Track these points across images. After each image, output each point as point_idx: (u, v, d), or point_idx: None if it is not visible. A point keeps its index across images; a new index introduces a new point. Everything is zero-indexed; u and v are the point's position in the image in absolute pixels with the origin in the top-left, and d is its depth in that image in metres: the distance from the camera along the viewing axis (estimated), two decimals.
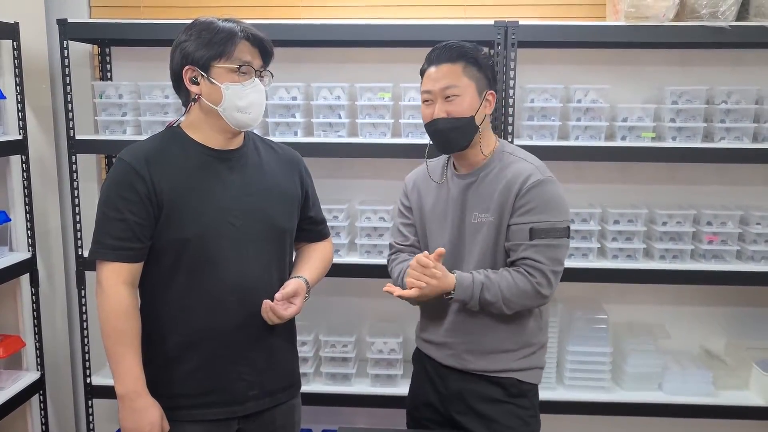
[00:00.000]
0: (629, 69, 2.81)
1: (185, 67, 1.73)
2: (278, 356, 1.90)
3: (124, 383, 1.71)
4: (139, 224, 1.70)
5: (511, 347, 1.95)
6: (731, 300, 2.92)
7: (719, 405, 2.64)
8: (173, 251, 1.74)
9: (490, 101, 1.94)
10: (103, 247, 1.71)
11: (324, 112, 2.67)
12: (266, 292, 1.81)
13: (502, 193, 1.89)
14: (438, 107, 1.89)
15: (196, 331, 1.77)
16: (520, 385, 1.96)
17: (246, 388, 1.83)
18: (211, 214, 1.75)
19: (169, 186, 1.72)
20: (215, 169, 1.78)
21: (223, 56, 1.72)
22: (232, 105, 1.74)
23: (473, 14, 2.83)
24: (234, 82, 1.73)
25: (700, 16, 2.45)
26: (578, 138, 2.60)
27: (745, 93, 2.59)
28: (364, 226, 2.68)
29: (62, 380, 3.10)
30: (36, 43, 2.84)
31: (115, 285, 1.70)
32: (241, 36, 1.73)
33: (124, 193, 1.70)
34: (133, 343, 1.71)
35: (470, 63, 1.89)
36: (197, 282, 1.75)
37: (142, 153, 1.74)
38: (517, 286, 1.84)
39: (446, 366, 2.01)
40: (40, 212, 2.87)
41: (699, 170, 2.83)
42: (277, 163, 1.91)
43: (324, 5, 2.88)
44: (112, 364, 1.72)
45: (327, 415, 2.96)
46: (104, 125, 2.75)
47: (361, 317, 2.98)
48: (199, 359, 1.78)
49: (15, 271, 2.69)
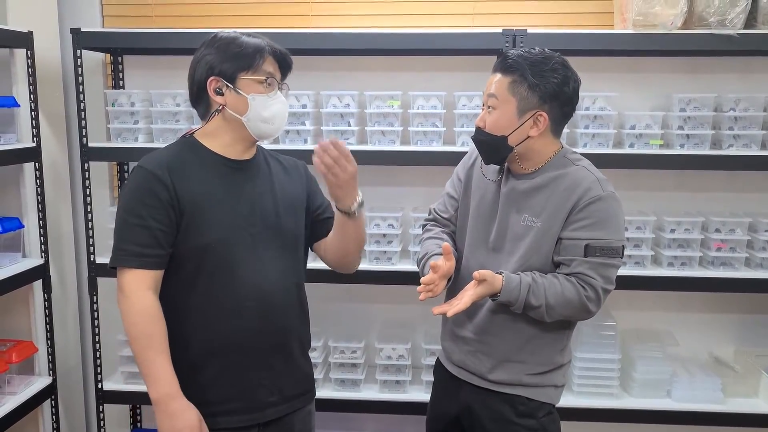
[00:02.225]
0: (637, 77, 2.82)
1: (210, 77, 1.76)
2: (295, 362, 1.91)
3: (157, 387, 1.69)
4: (162, 231, 1.71)
5: (525, 359, 1.92)
6: (740, 307, 2.92)
7: (728, 412, 2.64)
8: (193, 259, 1.76)
9: (540, 122, 1.82)
10: (126, 254, 1.71)
11: (333, 120, 2.69)
12: (284, 298, 1.85)
13: (559, 200, 1.83)
14: (482, 114, 1.89)
15: (217, 338, 1.78)
16: (529, 403, 1.92)
17: (266, 395, 1.84)
18: (230, 222, 1.77)
19: (189, 193, 1.74)
20: (231, 179, 1.81)
21: (250, 68, 1.76)
22: (257, 115, 1.77)
23: (481, 22, 2.85)
24: (260, 93, 1.77)
25: (708, 23, 2.46)
26: (586, 145, 2.61)
27: (753, 100, 2.59)
28: (374, 232, 2.70)
29: (74, 385, 3.12)
30: (49, 52, 2.88)
31: (139, 290, 1.70)
32: (268, 50, 1.78)
33: (147, 199, 1.71)
34: (162, 346, 1.71)
35: (522, 79, 1.80)
36: (217, 289, 1.77)
37: (163, 160, 1.76)
38: (564, 295, 1.79)
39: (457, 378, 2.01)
40: (53, 219, 2.90)
41: (707, 177, 2.84)
42: (283, 172, 1.94)
43: (333, 14, 2.90)
44: (144, 369, 1.70)
45: (336, 421, 2.97)
46: (116, 133, 2.78)
47: (370, 323, 2.99)
48: (221, 366, 1.79)
49: (28, 277, 2.72)
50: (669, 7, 2.43)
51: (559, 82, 1.82)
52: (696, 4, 2.46)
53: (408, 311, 2.99)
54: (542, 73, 1.81)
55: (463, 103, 2.63)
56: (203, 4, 2.94)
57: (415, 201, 2.87)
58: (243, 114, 1.77)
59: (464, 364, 1.99)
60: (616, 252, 1.81)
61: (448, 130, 2.67)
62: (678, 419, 2.66)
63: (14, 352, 2.67)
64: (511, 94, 1.81)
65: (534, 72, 1.80)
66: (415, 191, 2.91)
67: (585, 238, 1.79)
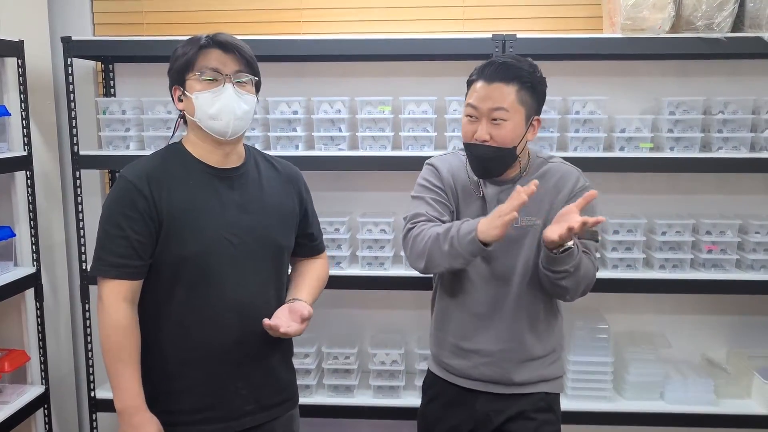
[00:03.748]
0: (627, 80, 2.83)
1: (173, 87, 1.79)
2: (275, 372, 1.90)
3: (122, 399, 1.72)
4: (140, 242, 1.71)
5: (539, 353, 1.95)
6: (732, 309, 2.93)
7: (721, 414, 2.65)
8: (172, 268, 1.75)
9: (534, 127, 1.90)
10: (104, 264, 1.72)
11: (325, 126, 2.70)
12: (264, 308, 1.82)
13: (551, 193, 1.90)
14: (482, 128, 1.83)
15: (195, 347, 1.77)
16: (547, 398, 1.96)
17: (242, 403, 1.83)
18: (210, 232, 1.76)
19: (169, 203, 1.73)
20: (215, 187, 1.79)
21: (190, 67, 1.74)
22: (204, 113, 1.74)
23: (471, 27, 2.87)
24: (203, 90, 1.73)
25: (695, 27, 2.48)
26: (577, 149, 2.63)
27: (741, 103, 2.61)
28: (366, 238, 2.70)
29: (66, 394, 3.11)
30: (40, 61, 2.88)
31: (116, 302, 1.71)
32: (205, 43, 1.73)
33: (126, 210, 1.71)
34: (132, 358, 1.72)
35: (525, 87, 1.82)
36: (196, 299, 1.76)
37: (143, 170, 1.76)
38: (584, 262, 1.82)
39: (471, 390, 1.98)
40: (45, 227, 2.90)
41: (697, 180, 2.85)
42: (276, 180, 1.91)
43: (324, 20, 2.91)
44: (112, 379, 1.72)
45: (329, 427, 2.96)
46: (108, 141, 2.78)
47: (363, 329, 2.99)
48: (198, 375, 1.78)
49: (20, 285, 2.71)
50: (657, 11, 2.45)
51: (545, 88, 1.89)
52: (684, 8, 2.48)
53: (401, 316, 2.99)
54: (540, 80, 1.86)
55: (454, 108, 2.64)
56: (194, 12, 2.95)
57: (407, 206, 2.87)
58: (194, 115, 1.76)
59: (483, 376, 1.96)
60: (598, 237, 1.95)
61: (439, 135, 2.67)
62: (671, 421, 2.66)
63: (6, 361, 2.66)
64: (520, 104, 1.83)
65: (534, 79, 1.84)
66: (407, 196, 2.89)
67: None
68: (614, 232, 2.65)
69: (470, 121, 1.87)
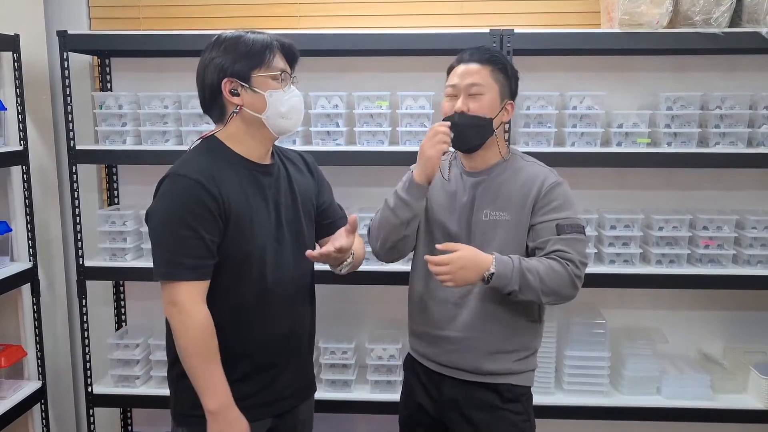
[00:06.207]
0: (624, 75, 2.83)
1: (224, 79, 1.74)
2: (306, 358, 1.99)
3: (217, 398, 1.71)
4: (213, 241, 1.71)
5: (508, 348, 1.98)
6: (728, 304, 2.94)
7: (717, 408, 2.66)
8: (233, 266, 1.76)
9: (509, 110, 1.99)
10: (181, 268, 1.68)
11: (322, 121, 2.69)
12: (302, 301, 1.92)
13: (521, 192, 1.95)
14: (460, 101, 1.93)
15: (248, 340, 1.81)
16: (514, 389, 1.99)
17: (283, 389, 1.89)
18: (264, 228, 1.79)
19: (232, 201, 1.73)
20: (259, 183, 1.81)
21: (263, 65, 1.75)
22: (275, 111, 1.77)
23: (469, 23, 2.86)
24: (275, 89, 1.77)
25: (693, 22, 2.48)
26: (574, 144, 2.63)
27: (739, 98, 2.61)
28: (363, 233, 2.68)
29: (64, 389, 3.11)
30: (36, 55, 2.87)
31: (196, 303, 1.69)
32: (276, 46, 1.79)
33: (196, 209, 1.68)
34: (218, 358, 1.72)
35: (498, 68, 1.94)
36: (253, 294, 1.79)
37: (203, 168, 1.73)
38: (555, 271, 1.84)
39: (439, 373, 2.03)
40: (41, 222, 2.89)
41: (694, 175, 2.86)
42: (297, 172, 1.95)
43: (321, 15, 2.91)
44: (202, 381, 1.71)
45: (327, 422, 2.96)
46: (104, 135, 2.77)
47: (360, 324, 3.00)
48: (249, 366, 1.82)
49: (16, 280, 2.71)
50: (655, 6, 2.45)
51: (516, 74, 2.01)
52: (681, 3, 2.48)
53: (398, 311, 2.97)
54: (511, 67, 2.00)
55: None
56: (190, 6, 2.94)
57: None
58: (261, 112, 1.77)
59: (449, 362, 2.01)
60: (581, 228, 1.94)
61: None
62: (668, 416, 2.67)
63: (3, 357, 2.66)
64: (494, 81, 1.94)
65: (506, 63, 1.98)
66: None
67: (554, 219, 1.91)
68: (611, 228, 2.66)
69: (449, 100, 1.97)
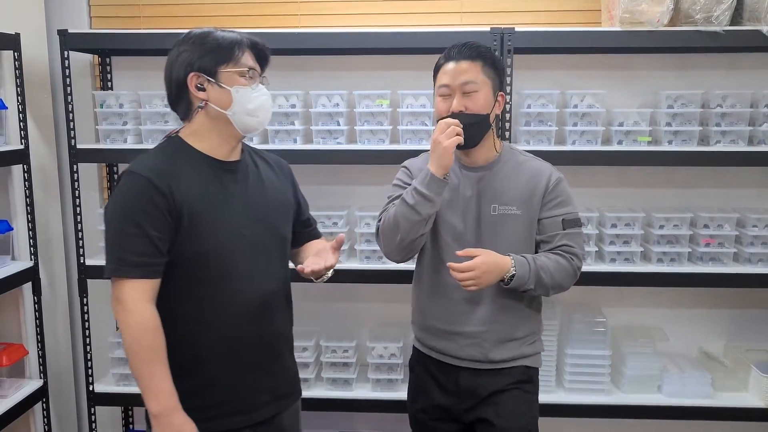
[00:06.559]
0: (625, 74, 2.83)
1: (190, 74, 1.73)
2: (285, 363, 1.92)
3: (159, 400, 1.67)
4: (161, 239, 1.67)
5: (519, 335, 2.04)
6: (729, 302, 2.94)
7: (718, 407, 2.65)
8: (191, 265, 1.72)
9: (500, 102, 2.02)
10: (126, 264, 1.66)
11: (323, 120, 2.69)
12: (277, 299, 1.86)
13: (527, 187, 2.00)
14: (456, 101, 1.94)
15: (215, 343, 1.76)
16: (528, 371, 2.07)
17: (260, 396, 1.83)
18: (226, 227, 1.75)
19: (186, 199, 1.69)
20: (223, 181, 1.78)
21: (230, 61, 1.74)
22: (242, 108, 1.75)
23: (470, 21, 2.86)
24: (242, 85, 1.75)
25: (694, 20, 2.48)
26: (575, 143, 2.63)
27: (739, 96, 2.61)
28: (364, 231, 2.70)
29: (65, 388, 3.11)
30: (37, 54, 2.87)
31: (141, 302, 1.66)
32: (246, 43, 1.77)
33: (145, 207, 1.66)
34: (163, 359, 1.68)
35: (488, 63, 1.97)
36: (215, 295, 1.74)
37: (155, 165, 1.71)
38: (562, 266, 1.96)
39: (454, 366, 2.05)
40: (42, 221, 2.89)
41: (695, 173, 2.86)
42: (271, 173, 1.92)
43: (322, 13, 2.90)
44: (144, 382, 1.67)
45: (328, 420, 2.97)
46: (105, 134, 2.77)
47: (361, 322, 2.99)
48: (217, 370, 1.77)
49: (17, 279, 2.72)
50: (655, 4, 2.44)
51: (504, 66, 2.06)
52: (682, 2, 2.48)
53: (399, 310, 2.97)
54: (498, 59, 2.04)
55: None
56: (191, 5, 2.94)
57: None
58: (227, 108, 1.74)
59: (466, 355, 2.04)
60: (581, 222, 2.05)
61: None
62: (668, 414, 2.67)
63: (4, 356, 2.67)
64: (486, 77, 1.96)
65: (493, 57, 2.01)
66: None
67: (560, 214, 2.00)
68: (612, 226, 2.66)
69: (444, 100, 1.98)
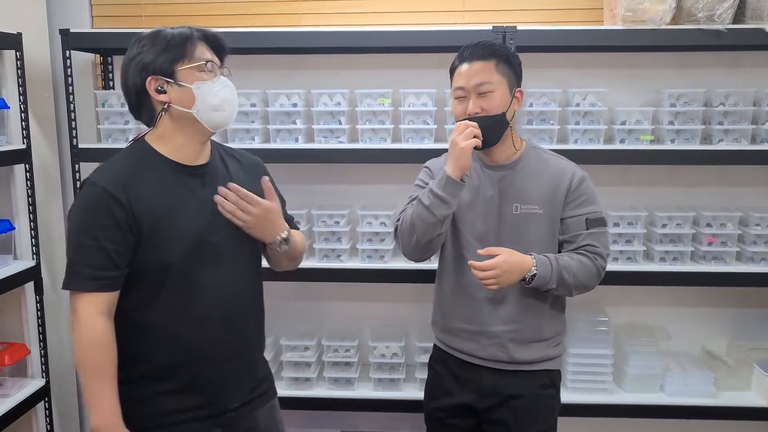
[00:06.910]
0: (627, 72, 2.82)
1: (148, 78, 1.67)
2: (255, 366, 1.89)
3: (100, 416, 1.64)
4: (118, 251, 1.62)
5: (546, 336, 2.04)
6: (732, 301, 2.93)
7: (721, 406, 2.65)
8: (155, 275, 1.68)
9: (518, 98, 2.00)
10: (79, 278, 1.63)
11: (324, 119, 2.69)
12: (245, 305, 1.82)
13: (551, 186, 1.98)
14: (472, 103, 1.93)
15: (181, 350, 1.72)
16: (551, 374, 2.06)
17: (228, 400, 1.80)
18: (192, 234, 1.70)
19: (147, 210, 1.65)
20: (189, 186, 1.72)
21: (185, 57, 1.67)
22: (206, 105, 1.68)
23: (472, 20, 2.86)
24: (203, 80, 1.68)
25: (696, 19, 2.47)
26: (577, 141, 2.62)
27: (742, 95, 2.60)
28: (366, 231, 2.70)
29: (67, 387, 3.11)
30: (39, 53, 2.87)
31: (93, 316, 1.62)
32: (197, 36, 1.69)
33: (102, 219, 1.61)
34: (110, 375, 1.65)
35: (502, 60, 1.95)
36: (179, 304, 1.71)
37: (115, 175, 1.66)
38: (586, 266, 1.94)
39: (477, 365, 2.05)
40: (44, 220, 2.89)
41: (698, 172, 2.85)
42: (242, 172, 1.86)
43: (323, 12, 2.90)
44: (89, 395, 1.64)
45: (330, 420, 2.97)
46: (107, 134, 2.77)
47: (363, 322, 2.99)
48: (184, 377, 1.74)
49: (19, 279, 2.71)
50: (658, 3, 2.44)
51: (519, 61, 2.02)
52: (684, 0, 2.47)
53: (401, 309, 2.99)
54: (513, 54, 2.01)
55: None
56: (192, 4, 2.94)
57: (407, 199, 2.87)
58: (191, 106, 1.68)
59: (490, 356, 2.03)
60: (605, 221, 2.04)
61: (439, 127, 2.67)
62: (671, 413, 2.67)
63: (6, 355, 2.66)
64: (501, 75, 1.95)
65: (508, 53, 1.99)
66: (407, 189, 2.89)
67: (584, 213, 1.98)
68: (615, 225, 2.65)
69: (460, 102, 1.97)
